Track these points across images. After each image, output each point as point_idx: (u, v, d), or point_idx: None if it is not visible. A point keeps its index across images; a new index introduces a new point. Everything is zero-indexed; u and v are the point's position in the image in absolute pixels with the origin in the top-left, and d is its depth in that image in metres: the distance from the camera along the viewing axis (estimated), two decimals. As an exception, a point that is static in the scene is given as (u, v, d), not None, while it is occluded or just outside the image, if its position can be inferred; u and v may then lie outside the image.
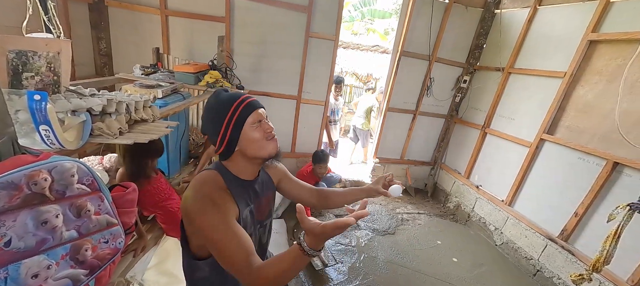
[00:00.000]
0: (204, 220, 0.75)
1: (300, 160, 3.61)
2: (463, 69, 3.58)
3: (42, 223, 0.64)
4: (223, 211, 0.77)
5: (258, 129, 0.83)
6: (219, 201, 0.78)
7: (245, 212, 0.86)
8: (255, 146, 0.83)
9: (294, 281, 2.18)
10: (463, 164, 3.61)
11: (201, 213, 0.76)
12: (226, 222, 0.76)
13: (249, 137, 0.82)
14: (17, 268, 0.59)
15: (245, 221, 0.87)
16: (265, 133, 0.84)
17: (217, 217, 0.76)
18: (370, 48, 7.05)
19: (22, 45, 0.81)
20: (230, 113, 0.81)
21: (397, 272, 2.45)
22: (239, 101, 0.82)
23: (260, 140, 0.83)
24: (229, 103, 0.82)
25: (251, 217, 0.90)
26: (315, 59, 3.14)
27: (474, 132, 3.48)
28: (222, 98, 0.84)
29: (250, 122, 0.82)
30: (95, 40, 2.60)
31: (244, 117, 0.81)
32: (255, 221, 0.93)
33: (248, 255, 0.75)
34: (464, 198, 3.52)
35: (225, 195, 0.81)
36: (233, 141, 0.83)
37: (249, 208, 0.88)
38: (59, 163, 0.68)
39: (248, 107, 0.82)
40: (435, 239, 3.00)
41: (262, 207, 0.96)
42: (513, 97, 3.03)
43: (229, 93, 0.86)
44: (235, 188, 0.85)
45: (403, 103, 3.65)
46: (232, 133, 0.81)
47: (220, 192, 0.81)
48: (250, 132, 0.82)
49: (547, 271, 2.50)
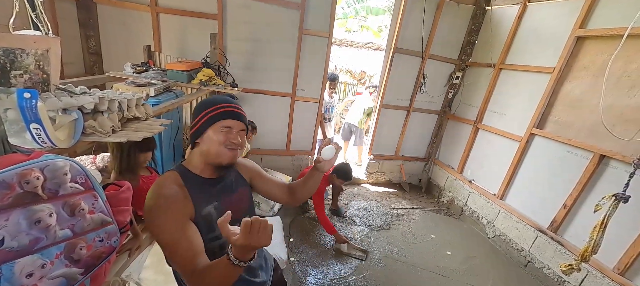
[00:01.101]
0: (153, 221, 0.79)
1: (296, 158, 3.61)
2: (455, 65, 3.62)
3: (36, 222, 0.63)
4: (172, 210, 0.79)
5: (223, 134, 0.86)
6: (170, 200, 0.80)
7: (207, 209, 0.87)
8: (211, 146, 0.86)
9: (291, 277, 2.20)
10: (456, 159, 3.67)
11: (152, 215, 0.80)
12: (175, 222, 0.79)
13: (211, 136, 0.86)
14: (11, 268, 0.59)
15: (208, 218, 0.88)
16: (227, 140, 0.86)
17: (164, 217, 0.79)
18: (363, 45, 7.07)
19: (10, 42, 0.80)
20: (210, 109, 0.86)
21: (392, 266, 2.48)
22: (224, 104, 0.88)
23: (219, 144, 0.86)
24: (215, 102, 0.88)
25: (219, 213, 0.88)
26: (309, 56, 3.14)
27: (466, 127, 3.53)
28: (216, 97, 0.90)
29: (220, 124, 0.86)
30: (84, 39, 2.54)
31: (217, 118, 0.86)
32: None
33: (194, 255, 0.77)
34: (457, 192, 3.58)
35: (179, 194, 0.83)
36: (199, 133, 0.87)
37: (213, 205, 0.89)
38: (51, 161, 0.67)
39: (227, 113, 0.87)
40: (429, 233, 3.05)
41: (234, 203, 0.96)
42: (504, 92, 3.09)
43: (223, 97, 0.91)
44: (193, 187, 0.87)
45: (397, 100, 3.68)
46: (202, 126, 0.86)
47: (174, 191, 0.83)
48: (215, 132, 0.86)
49: (537, 262, 2.57)
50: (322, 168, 1.03)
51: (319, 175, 1.06)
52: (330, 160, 1.02)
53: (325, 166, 1.02)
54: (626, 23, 1.94)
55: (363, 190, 3.85)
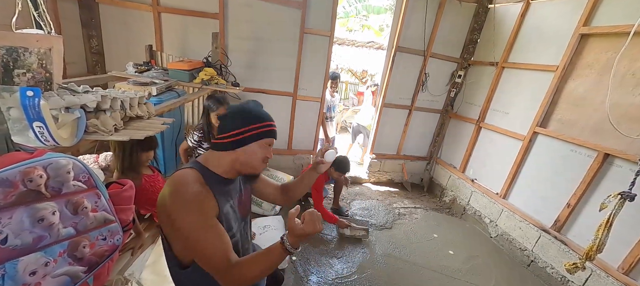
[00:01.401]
0: (183, 220, 0.79)
1: (298, 157, 3.61)
2: (457, 63, 3.61)
3: (39, 220, 0.63)
4: (202, 209, 0.81)
5: (265, 150, 0.92)
6: (199, 199, 0.82)
7: (226, 207, 0.91)
8: (253, 160, 0.91)
9: (293, 276, 2.20)
10: (458, 158, 3.66)
11: (180, 213, 0.80)
12: (205, 220, 0.80)
13: (256, 151, 0.91)
14: (15, 266, 0.59)
15: (227, 217, 0.90)
16: (266, 157, 0.93)
17: (195, 216, 0.79)
18: (365, 44, 7.06)
19: (13, 41, 0.80)
20: (260, 125, 0.90)
21: (394, 266, 2.47)
22: (270, 123, 0.94)
23: (259, 159, 0.92)
24: (262, 118, 0.92)
25: (234, 213, 0.94)
26: (310, 55, 3.13)
27: (468, 126, 3.51)
28: (261, 111, 0.94)
29: (264, 142, 0.91)
30: (86, 39, 2.55)
31: (265, 135, 0.91)
32: (239, 217, 0.98)
33: (227, 251, 0.80)
34: (460, 192, 3.57)
35: (204, 192, 0.84)
36: (241, 143, 0.89)
37: (230, 204, 0.93)
38: (55, 160, 0.67)
39: (272, 131, 0.94)
40: (431, 232, 3.04)
41: (242, 204, 1.02)
42: (507, 91, 3.07)
43: (266, 113, 0.96)
44: (214, 185, 0.88)
45: (399, 99, 3.67)
46: (247, 138, 0.89)
47: (199, 189, 0.83)
48: (260, 148, 0.91)
49: (541, 262, 2.55)
50: (320, 170, 1.10)
51: (315, 176, 1.13)
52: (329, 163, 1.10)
53: (324, 168, 1.10)
54: (631, 21, 1.92)
55: (365, 190, 3.84)
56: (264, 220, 2.49)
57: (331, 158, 1.08)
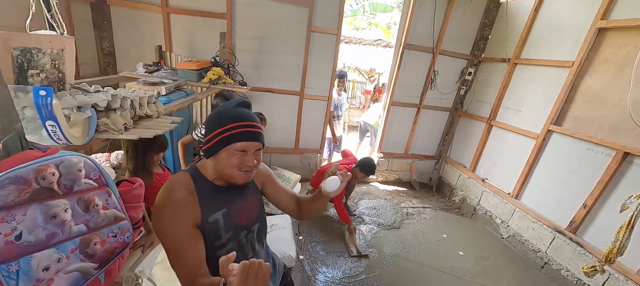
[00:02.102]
0: (160, 223, 0.80)
1: (305, 156, 3.61)
2: (467, 60, 3.53)
3: (52, 217, 0.64)
4: (177, 216, 0.79)
5: (237, 157, 0.82)
6: (178, 205, 0.80)
7: (215, 216, 0.86)
8: (225, 168, 0.83)
9: (300, 275, 2.20)
10: (468, 157, 3.58)
11: (159, 216, 0.80)
12: (180, 228, 0.79)
13: (225, 158, 0.82)
14: (29, 261, 0.60)
15: (214, 226, 0.86)
16: (241, 163, 0.83)
17: (171, 221, 0.79)
18: (372, 42, 7.00)
19: (26, 42, 0.82)
20: (225, 129, 0.81)
21: (402, 266, 2.44)
22: (238, 124, 0.81)
23: (232, 167, 0.83)
24: (230, 120, 0.82)
25: (226, 221, 0.89)
26: (317, 53, 3.12)
27: (479, 124, 3.44)
28: (231, 112, 0.84)
29: (235, 147, 0.81)
30: (98, 40, 2.61)
31: (231, 140, 0.81)
32: (238, 225, 0.92)
33: (196, 265, 0.78)
34: (470, 191, 3.49)
35: (187, 199, 0.82)
36: (212, 151, 0.84)
37: (222, 212, 0.87)
38: (66, 158, 0.68)
39: (241, 135, 0.81)
40: (440, 233, 2.99)
41: (244, 212, 0.94)
42: (519, 88, 2.99)
43: (239, 112, 0.84)
44: (204, 192, 0.85)
45: (407, 97, 3.62)
46: (215, 145, 0.82)
47: (183, 195, 0.82)
48: (229, 155, 0.82)
49: (555, 264, 2.48)
50: (328, 195, 0.96)
51: (325, 200, 0.99)
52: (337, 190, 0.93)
53: (332, 194, 0.95)
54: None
55: (372, 189, 3.81)
56: (271, 219, 2.49)
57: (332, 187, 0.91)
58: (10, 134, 0.63)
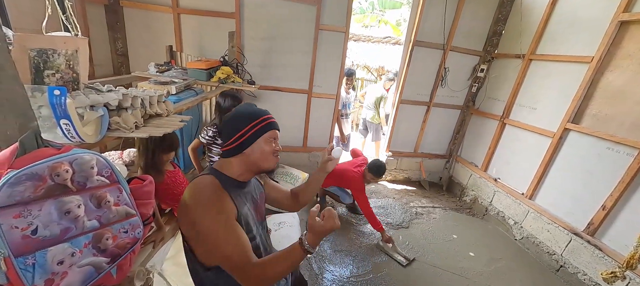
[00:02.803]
0: (203, 222, 0.81)
1: (313, 154, 3.61)
2: (480, 57, 3.44)
3: (65, 212, 0.67)
4: (221, 210, 0.83)
5: (270, 144, 0.93)
6: (217, 201, 0.84)
7: (245, 209, 0.92)
8: (263, 156, 0.92)
9: (307, 273, 2.20)
10: (480, 156, 3.50)
11: (200, 216, 0.82)
12: (226, 223, 0.83)
13: (262, 147, 0.92)
14: (44, 255, 0.62)
15: (246, 219, 0.92)
16: (274, 150, 0.94)
17: (214, 217, 0.82)
18: (381, 40, 6.92)
19: (42, 43, 0.84)
20: (256, 123, 0.91)
21: (411, 266, 2.41)
22: (266, 117, 0.94)
23: (268, 154, 0.93)
24: (258, 115, 0.93)
25: (252, 214, 0.96)
26: (325, 51, 3.11)
27: (491, 123, 3.35)
28: (253, 109, 0.95)
29: (267, 136, 0.92)
30: (112, 41, 2.69)
31: (266, 129, 0.92)
32: (257, 221, 0.99)
33: (246, 251, 0.83)
34: (481, 191, 3.41)
35: (223, 197, 0.86)
36: (245, 144, 0.91)
37: (247, 206, 0.95)
38: (79, 155, 0.70)
39: (270, 124, 0.94)
40: (450, 233, 2.94)
41: (258, 207, 1.03)
42: (534, 85, 2.89)
43: (258, 109, 0.97)
44: (232, 189, 0.90)
45: (416, 95, 3.56)
46: (249, 138, 0.90)
47: (218, 194, 0.86)
48: (264, 143, 0.92)
49: (571, 267, 2.39)
50: (329, 168, 1.11)
51: (323, 176, 1.14)
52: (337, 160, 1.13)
53: (332, 166, 1.12)
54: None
55: (380, 188, 3.77)
56: (279, 217, 2.51)
57: (338, 154, 1.11)
58: (27, 132, 0.65)
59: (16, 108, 0.66)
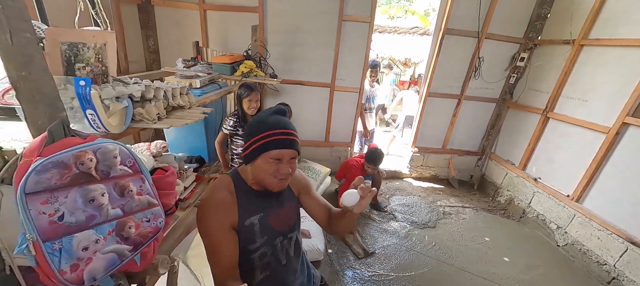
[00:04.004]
0: (199, 220, 0.86)
1: (335, 149, 3.56)
2: (520, 44, 3.13)
3: (90, 200, 0.68)
4: (216, 215, 0.84)
5: (273, 165, 0.83)
6: (216, 205, 0.85)
7: (251, 220, 0.89)
8: (261, 175, 0.86)
9: (328, 269, 2.18)
10: (518, 154, 3.21)
11: (199, 214, 0.85)
12: (216, 227, 0.83)
13: (261, 166, 0.84)
14: (70, 241, 0.64)
15: (250, 229, 0.88)
16: (277, 172, 0.84)
17: (208, 220, 0.83)
18: (408, 30, 6.62)
19: (72, 37, 0.87)
20: (261, 137, 0.83)
21: (437, 269, 2.29)
22: (274, 132, 0.83)
23: (267, 174, 0.84)
24: (267, 128, 0.83)
25: (261, 226, 0.90)
26: (349, 43, 3.02)
27: (532, 117, 3.05)
28: (267, 120, 0.86)
29: (270, 156, 0.83)
30: (144, 39, 2.83)
31: (267, 148, 0.82)
32: (273, 231, 0.93)
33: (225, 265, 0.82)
34: (518, 191, 3.14)
35: (226, 201, 0.86)
36: (250, 157, 0.87)
37: (258, 217, 0.89)
38: (103, 145, 0.71)
39: (277, 142, 0.82)
40: (482, 235, 2.74)
41: (281, 218, 0.95)
42: (586, 74, 2.56)
43: (275, 119, 0.86)
44: (242, 195, 0.89)
45: (446, 87, 3.35)
46: (252, 152, 0.85)
47: (224, 196, 0.86)
48: (265, 163, 0.84)
49: (626, 280, 2.11)
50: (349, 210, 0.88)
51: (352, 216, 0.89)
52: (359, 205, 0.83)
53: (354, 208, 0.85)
54: None
55: (405, 185, 3.63)
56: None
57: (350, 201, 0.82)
58: (55, 122, 0.68)
59: (46, 98, 0.68)
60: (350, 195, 0.81)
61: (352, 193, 0.81)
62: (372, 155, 2.66)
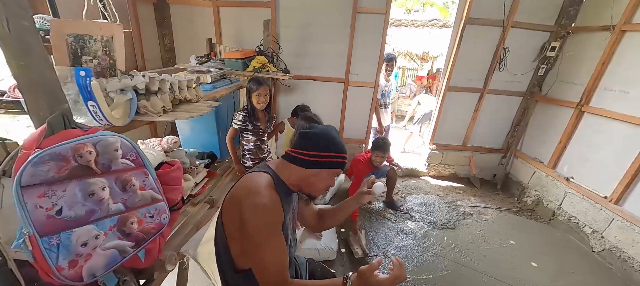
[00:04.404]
0: (253, 223, 0.79)
1: (349, 147, 3.47)
2: (551, 33, 2.89)
3: (90, 194, 0.66)
4: (273, 215, 0.82)
5: (333, 179, 0.95)
6: (273, 205, 0.82)
7: (287, 218, 0.91)
8: (320, 185, 0.94)
9: (341, 268, 2.11)
10: (547, 151, 2.98)
11: (252, 214, 0.80)
12: (273, 227, 0.82)
13: (324, 178, 0.93)
14: (69, 236, 0.62)
15: (286, 227, 0.90)
16: (330, 185, 0.96)
17: (265, 220, 0.80)
18: (426, 23, 6.37)
19: (78, 29, 0.86)
20: (338, 155, 0.91)
21: (458, 272, 2.16)
22: (345, 155, 0.94)
23: (324, 187, 0.95)
24: (341, 150, 0.92)
25: (290, 226, 0.96)
26: (363, 36, 2.91)
27: (564, 111, 2.81)
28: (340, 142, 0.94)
29: (333, 172, 0.93)
30: (160, 37, 2.88)
31: (335, 165, 0.92)
32: (290, 231, 0.98)
33: (284, 267, 0.83)
34: (548, 192, 2.91)
35: (278, 201, 0.84)
36: (315, 165, 0.90)
37: (288, 216, 0.93)
38: (103, 137, 0.69)
39: (344, 164, 0.95)
40: (506, 238, 2.56)
41: (294, 218, 1.03)
42: (628, 63, 2.31)
43: (342, 142, 0.95)
44: (282, 194, 0.88)
45: (467, 81, 3.16)
46: (322, 163, 0.90)
47: (274, 195, 0.85)
48: (329, 176, 0.93)
49: (676, 293, 1.89)
50: (363, 200, 1.08)
51: (355, 206, 1.11)
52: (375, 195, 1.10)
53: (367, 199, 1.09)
54: None
55: (423, 183, 3.48)
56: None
57: (379, 191, 1.08)
58: (55, 113, 0.66)
59: (46, 89, 0.67)
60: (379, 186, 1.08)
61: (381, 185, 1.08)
62: (376, 142, 2.56)
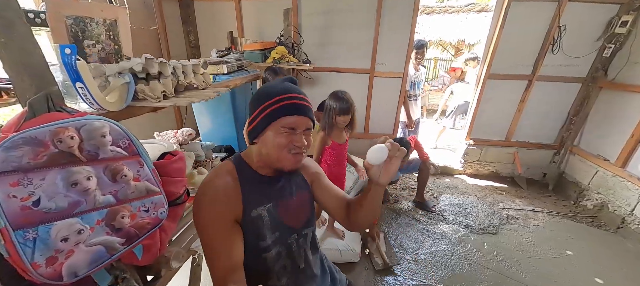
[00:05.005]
0: (197, 217, 0.72)
1: (375, 141, 3.26)
2: (621, 5, 2.41)
3: (72, 184, 0.60)
4: (214, 207, 0.70)
5: (285, 135, 0.71)
6: (218, 194, 0.72)
7: (259, 211, 0.75)
8: (271, 150, 0.72)
9: (364, 272, 1.95)
10: (614, 147, 2.51)
11: (195, 206, 0.72)
12: (217, 221, 0.70)
13: (271, 139, 0.71)
14: (48, 230, 0.56)
15: (257, 223, 0.75)
16: (290, 143, 0.71)
17: (207, 213, 0.70)
18: (462, 8, 5.86)
19: (78, 10, 0.82)
20: (270, 102, 0.70)
21: (502, 284, 1.88)
22: (284, 96, 0.70)
23: (280, 148, 0.71)
24: (274, 93, 0.71)
25: (271, 218, 0.76)
26: (390, 23, 2.69)
27: (637, 98, 2.34)
28: (274, 84, 0.75)
29: (282, 123, 0.70)
30: (185, 34, 2.93)
31: (277, 115, 0.70)
32: (286, 226, 0.79)
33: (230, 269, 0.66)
34: (615, 195, 2.46)
35: (229, 188, 0.73)
36: (256, 131, 0.74)
37: (266, 207, 0.76)
38: (88, 121, 0.62)
39: (289, 107, 0.70)
40: (562, 247, 2.20)
41: (291, 210, 0.81)
42: None
43: (284, 85, 0.74)
44: (247, 183, 0.75)
45: (511, 67, 2.79)
46: (259, 123, 0.72)
47: (225, 183, 0.73)
48: (276, 134, 0.71)
49: None
50: (373, 177, 0.69)
51: (377, 190, 0.71)
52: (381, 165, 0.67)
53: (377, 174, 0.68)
54: None
55: (458, 182, 3.16)
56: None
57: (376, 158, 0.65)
58: (38, 95, 0.60)
59: (31, 69, 0.61)
60: (377, 151, 0.63)
61: (379, 148, 0.63)
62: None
